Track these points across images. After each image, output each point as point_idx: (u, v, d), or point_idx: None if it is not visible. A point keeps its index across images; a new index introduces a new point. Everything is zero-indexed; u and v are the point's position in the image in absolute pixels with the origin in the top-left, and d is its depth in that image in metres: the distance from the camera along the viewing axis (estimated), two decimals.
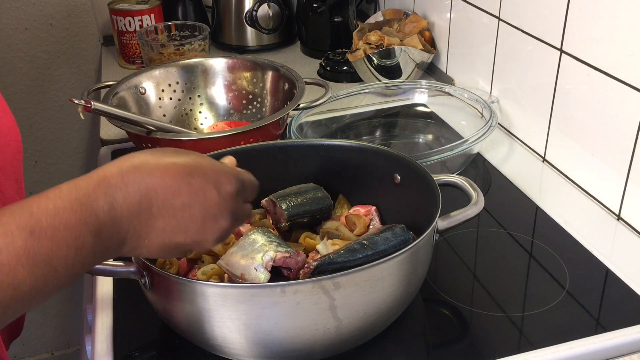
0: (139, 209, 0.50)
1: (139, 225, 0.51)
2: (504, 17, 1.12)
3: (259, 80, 1.16)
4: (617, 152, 0.90)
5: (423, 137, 1.22)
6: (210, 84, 1.17)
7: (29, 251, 0.44)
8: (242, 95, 1.17)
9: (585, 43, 0.93)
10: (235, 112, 1.17)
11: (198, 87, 1.17)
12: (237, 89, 1.17)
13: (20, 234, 0.43)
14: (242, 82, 1.17)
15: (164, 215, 0.52)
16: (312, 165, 0.85)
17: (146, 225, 0.51)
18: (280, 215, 0.79)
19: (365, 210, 0.82)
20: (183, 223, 0.53)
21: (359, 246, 0.68)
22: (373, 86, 1.30)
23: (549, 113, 1.04)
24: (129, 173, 0.50)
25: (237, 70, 1.17)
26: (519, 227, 0.91)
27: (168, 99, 1.14)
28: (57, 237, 0.45)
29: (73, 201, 0.47)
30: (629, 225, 0.90)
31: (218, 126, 1.14)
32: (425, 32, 1.38)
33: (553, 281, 0.80)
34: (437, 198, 0.70)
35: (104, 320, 0.77)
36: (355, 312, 0.63)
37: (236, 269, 0.68)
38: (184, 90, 1.16)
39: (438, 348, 0.73)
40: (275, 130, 1.01)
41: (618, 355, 0.70)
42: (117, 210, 0.49)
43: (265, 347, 0.64)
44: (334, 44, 1.56)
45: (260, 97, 1.16)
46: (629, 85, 0.86)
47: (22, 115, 1.80)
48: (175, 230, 0.53)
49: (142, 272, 0.65)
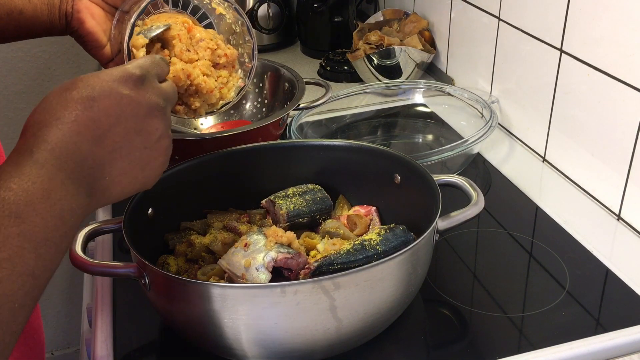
0: (83, 135, 0.49)
1: (94, 146, 0.50)
2: (504, 17, 1.12)
3: (259, 80, 1.16)
4: (617, 152, 0.90)
5: (423, 137, 1.22)
6: None
7: (27, 235, 0.43)
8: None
9: (585, 43, 0.93)
10: (235, 112, 1.17)
11: None
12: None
13: (8, 222, 0.43)
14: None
15: (107, 136, 0.51)
16: (312, 165, 0.85)
17: (101, 146, 0.50)
18: (280, 215, 0.79)
19: (365, 210, 0.82)
20: (126, 138, 0.52)
21: (359, 247, 0.69)
22: (373, 86, 1.30)
23: (549, 113, 1.04)
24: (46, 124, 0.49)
25: None
26: (519, 227, 0.91)
27: None
28: (40, 211, 0.45)
29: (34, 172, 0.46)
30: (629, 225, 0.90)
31: (218, 126, 1.14)
32: (425, 32, 1.38)
33: (553, 281, 0.80)
34: (437, 198, 0.70)
35: (104, 320, 0.77)
36: (355, 312, 0.63)
37: (237, 269, 0.68)
38: None
39: (438, 348, 0.73)
40: (275, 130, 1.01)
41: (618, 355, 0.70)
42: (65, 141, 0.48)
43: (265, 347, 0.64)
44: (334, 44, 1.56)
45: (260, 97, 1.16)
46: (629, 85, 0.86)
47: (22, 115, 1.80)
48: (125, 142, 0.52)
49: (142, 272, 0.65)
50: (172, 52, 0.72)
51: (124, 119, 0.52)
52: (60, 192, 0.47)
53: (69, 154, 0.48)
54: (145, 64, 0.56)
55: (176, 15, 0.76)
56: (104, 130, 0.51)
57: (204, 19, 0.80)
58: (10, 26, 0.77)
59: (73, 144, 0.48)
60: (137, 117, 0.53)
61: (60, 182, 0.47)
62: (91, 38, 0.77)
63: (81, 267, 0.66)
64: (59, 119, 0.49)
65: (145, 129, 0.54)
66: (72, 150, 0.48)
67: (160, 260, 0.75)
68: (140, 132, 0.53)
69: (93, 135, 0.50)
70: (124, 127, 0.52)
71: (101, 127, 0.50)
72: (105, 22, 0.78)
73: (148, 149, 0.54)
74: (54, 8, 0.77)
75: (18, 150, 0.48)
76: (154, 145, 0.55)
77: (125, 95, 0.52)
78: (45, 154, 0.47)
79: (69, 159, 0.48)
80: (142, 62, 0.56)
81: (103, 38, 0.77)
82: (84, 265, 0.66)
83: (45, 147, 0.47)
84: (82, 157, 0.49)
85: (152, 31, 0.72)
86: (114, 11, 0.77)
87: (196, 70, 0.71)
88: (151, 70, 0.56)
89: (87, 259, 0.66)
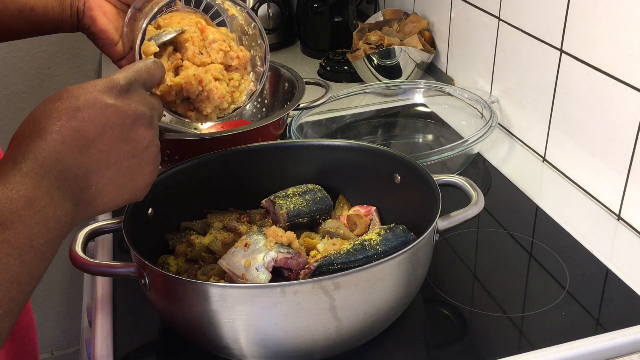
0: (67, 144, 0.49)
1: (78, 155, 0.50)
2: (504, 17, 1.12)
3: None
4: (617, 152, 0.90)
5: (423, 137, 1.22)
6: None
7: (10, 242, 0.43)
8: None
9: (585, 43, 0.93)
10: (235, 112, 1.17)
11: None
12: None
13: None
14: None
15: (92, 145, 0.51)
16: (312, 165, 0.85)
17: (86, 155, 0.50)
18: (280, 215, 0.79)
19: (365, 210, 0.82)
20: (112, 147, 0.52)
21: (359, 247, 0.69)
22: (373, 86, 1.30)
23: (549, 113, 1.04)
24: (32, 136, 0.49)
25: None
26: (519, 227, 0.91)
27: None
28: (24, 218, 0.45)
29: (18, 179, 0.46)
30: (629, 225, 0.90)
31: (218, 126, 1.14)
32: (425, 32, 1.38)
33: (553, 281, 0.80)
34: (437, 198, 0.70)
35: (104, 320, 0.77)
36: (355, 312, 0.63)
37: (237, 269, 0.68)
38: None
39: (438, 348, 0.73)
40: (275, 130, 1.01)
41: (618, 355, 0.70)
42: (48, 151, 0.48)
43: (266, 347, 0.64)
44: (334, 44, 1.56)
45: (260, 97, 1.16)
46: (629, 85, 0.86)
47: (22, 115, 1.79)
48: (111, 151, 0.52)
49: (142, 272, 0.65)
50: (185, 55, 0.72)
51: (109, 128, 0.52)
52: (45, 199, 0.46)
53: (53, 162, 0.48)
54: (129, 75, 0.56)
55: (189, 14, 0.75)
56: (89, 140, 0.50)
57: (216, 16, 0.79)
58: (21, 23, 0.77)
59: (57, 152, 0.48)
60: (122, 126, 0.53)
61: (44, 190, 0.47)
62: (103, 36, 0.77)
63: (81, 267, 0.66)
64: (43, 129, 0.49)
65: (131, 137, 0.53)
66: (56, 158, 0.48)
67: (160, 260, 0.75)
68: (126, 141, 0.53)
69: (77, 144, 0.50)
70: (109, 136, 0.52)
71: (85, 137, 0.50)
72: (117, 19, 0.77)
73: (135, 157, 0.54)
74: (65, 5, 0.77)
75: (3, 161, 0.48)
76: (141, 154, 0.55)
77: (110, 105, 0.52)
78: (30, 162, 0.47)
79: (53, 168, 0.48)
80: (127, 72, 0.56)
81: (115, 36, 0.77)
82: (84, 265, 0.66)
83: (29, 157, 0.47)
84: (67, 166, 0.49)
85: (164, 36, 0.71)
86: (126, 8, 0.77)
87: (208, 76, 0.70)
88: (138, 78, 0.56)
89: (87, 259, 0.66)
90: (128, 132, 0.53)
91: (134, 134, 0.54)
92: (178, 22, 0.73)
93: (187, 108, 0.72)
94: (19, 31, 0.79)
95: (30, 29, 0.79)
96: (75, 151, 0.50)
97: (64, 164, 0.49)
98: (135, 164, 0.54)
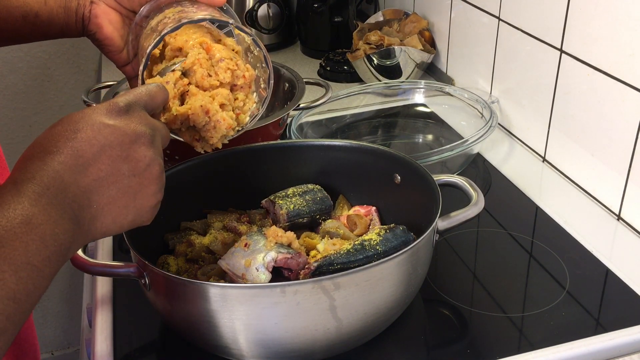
0: (65, 164, 0.50)
1: (77, 175, 0.50)
2: (504, 17, 1.12)
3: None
4: (617, 152, 0.90)
5: (423, 137, 1.22)
6: None
7: (7, 258, 0.43)
8: None
9: (585, 43, 0.93)
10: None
11: None
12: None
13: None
14: None
15: (92, 164, 0.51)
16: (312, 165, 0.85)
17: (85, 174, 0.50)
18: (280, 215, 0.79)
19: (365, 210, 0.82)
20: (112, 167, 0.52)
21: (359, 247, 0.69)
22: (373, 86, 1.30)
23: (549, 113, 1.04)
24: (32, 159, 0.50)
25: None
26: (519, 227, 0.91)
27: None
28: (20, 235, 0.45)
29: (17, 201, 0.46)
30: (629, 225, 0.90)
31: None
32: (425, 32, 1.38)
33: (553, 281, 0.80)
34: (437, 198, 0.70)
35: (104, 320, 0.77)
36: (355, 312, 0.63)
37: (237, 269, 0.68)
38: None
39: (438, 348, 0.73)
40: (275, 130, 1.01)
41: (618, 355, 0.70)
42: (48, 173, 0.48)
43: (266, 347, 0.64)
44: (334, 44, 1.56)
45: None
46: (629, 85, 0.86)
47: (22, 115, 1.80)
48: (111, 170, 0.52)
49: (142, 272, 0.65)
50: (193, 79, 0.71)
51: (108, 147, 0.52)
52: (42, 217, 0.46)
53: (51, 181, 0.48)
54: (129, 97, 0.56)
55: (195, 31, 0.73)
56: (88, 159, 0.51)
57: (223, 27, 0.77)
58: (25, 28, 0.77)
59: (55, 172, 0.49)
60: (122, 145, 0.53)
61: (42, 208, 0.47)
62: (108, 43, 0.77)
63: (81, 267, 0.66)
64: (43, 152, 0.50)
65: (131, 156, 0.53)
66: (54, 177, 0.49)
67: (160, 260, 0.75)
68: (126, 160, 0.53)
69: (76, 163, 0.50)
70: (108, 155, 0.52)
71: (84, 156, 0.51)
72: (123, 27, 0.77)
73: (137, 176, 0.54)
74: (71, 12, 0.77)
75: (4, 184, 0.48)
76: (142, 172, 0.54)
77: (109, 125, 0.52)
78: (28, 183, 0.47)
79: (51, 186, 0.48)
80: (127, 95, 0.57)
81: (120, 43, 0.77)
82: (84, 265, 0.66)
83: (28, 177, 0.48)
84: (65, 185, 0.49)
85: (168, 69, 0.71)
86: (131, 15, 0.77)
87: (215, 106, 0.69)
88: (138, 101, 0.56)
89: (87, 259, 0.66)
90: (127, 150, 0.53)
91: (134, 153, 0.53)
92: (184, 40, 0.72)
93: (193, 137, 0.71)
94: (24, 36, 0.79)
95: (34, 34, 0.79)
96: (74, 170, 0.50)
97: (62, 183, 0.49)
98: (136, 183, 0.54)
